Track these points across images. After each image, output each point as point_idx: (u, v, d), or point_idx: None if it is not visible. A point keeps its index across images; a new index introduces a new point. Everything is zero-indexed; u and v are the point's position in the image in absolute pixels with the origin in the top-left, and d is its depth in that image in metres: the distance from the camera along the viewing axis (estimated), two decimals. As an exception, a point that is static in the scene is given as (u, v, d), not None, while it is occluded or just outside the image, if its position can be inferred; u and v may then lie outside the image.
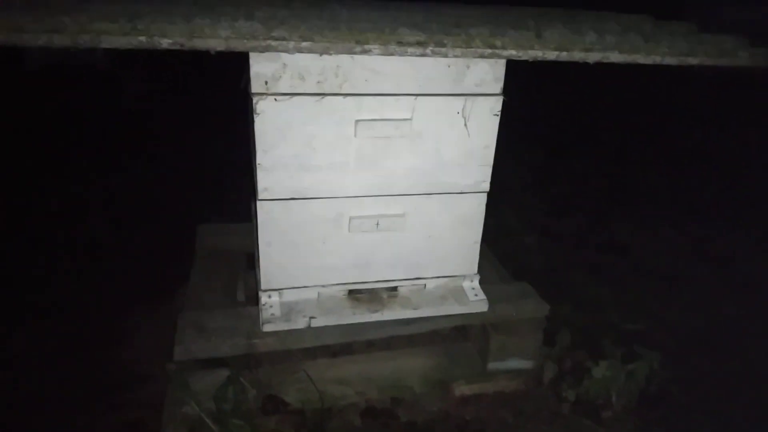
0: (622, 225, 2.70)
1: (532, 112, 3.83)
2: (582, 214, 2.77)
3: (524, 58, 1.21)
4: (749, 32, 1.36)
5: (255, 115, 1.29)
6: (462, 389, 1.62)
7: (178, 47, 1.08)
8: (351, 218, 1.44)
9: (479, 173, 1.47)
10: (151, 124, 3.41)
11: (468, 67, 1.35)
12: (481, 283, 1.62)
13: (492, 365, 1.66)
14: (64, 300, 1.96)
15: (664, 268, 2.39)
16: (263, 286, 1.47)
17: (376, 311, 1.51)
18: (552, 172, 3.23)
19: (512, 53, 1.20)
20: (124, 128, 3.33)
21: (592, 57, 1.23)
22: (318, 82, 1.30)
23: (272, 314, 1.45)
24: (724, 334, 1.99)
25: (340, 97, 1.32)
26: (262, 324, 1.43)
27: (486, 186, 1.50)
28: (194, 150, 3.12)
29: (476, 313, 1.58)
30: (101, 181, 2.76)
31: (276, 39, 1.09)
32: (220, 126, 2.77)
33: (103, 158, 2.98)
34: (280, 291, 1.48)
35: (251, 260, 1.72)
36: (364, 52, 1.14)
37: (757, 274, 2.36)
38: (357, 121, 1.34)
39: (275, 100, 1.28)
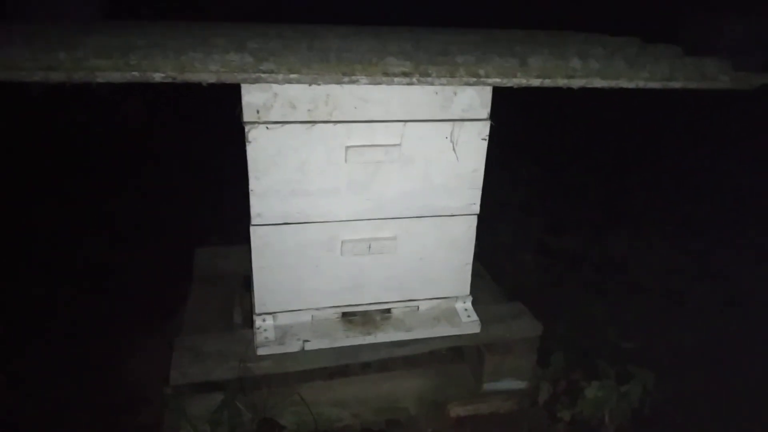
0: (618, 242, 2.70)
1: (528, 130, 3.86)
2: (579, 231, 2.77)
3: (509, 85, 1.24)
4: (743, 51, 1.38)
5: (247, 143, 1.32)
6: (457, 410, 1.62)
7: (170, 80, 1.11)
8: (343, 242, 1.46)
9: (469, 196, 1.49)
10: (151, 146, 3.46)
11: (455, 93, 1.37)
12: (474, 303, 1.63)
13: (487, 386, 1.67)
14: (64, 322, 1.98)
15: (660, 285, 2.39)
16: (257, 309, 1.49)
17: (369, 334, 1.52)
18: (549, 189, 3.24)
19: (496, 81, 1.22)
20: (125, 151, 3.37)
21: (576, 83, 1.25)
22: (308, 110, 1.33)
23: (266, 338, 1.46)
24: (720, 352, 1.99)
25: (331, 125, 1.35)
26: (257, 347, 1.45)
27: (476, 208, 1.52)
28: (194, 172, 3.15)
29: (469, 334, 1.60)
30: (101, 203, 2.79)
31: (265, 72, 1.13)
32: (221, 148, 2.80)
33: (103, 181, 3.02)
34: (274, 314, 1.50)
35: (249, 282, 1.74)
36: (352, 82, 1.17)
37: (754, 291, 2.35)
38: (347, 147, 1.37)
39: (267, 128, 1.31)
